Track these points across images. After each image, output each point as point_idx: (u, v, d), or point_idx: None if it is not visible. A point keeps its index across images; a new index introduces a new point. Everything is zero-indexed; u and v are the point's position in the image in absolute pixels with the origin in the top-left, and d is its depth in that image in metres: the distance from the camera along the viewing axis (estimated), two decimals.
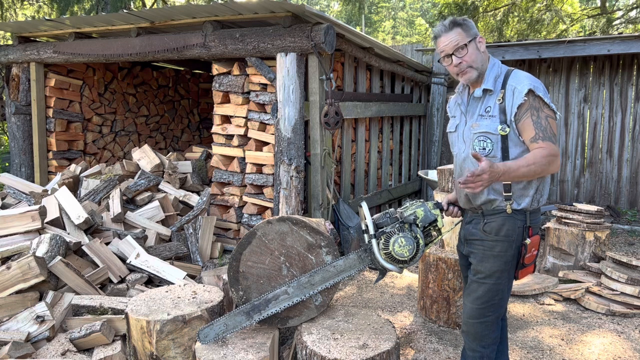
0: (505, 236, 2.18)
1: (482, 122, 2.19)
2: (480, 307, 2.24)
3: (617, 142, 6.88)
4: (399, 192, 6.92)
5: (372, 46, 5.46)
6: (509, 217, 2.17)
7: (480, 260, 2.25)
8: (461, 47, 2.16)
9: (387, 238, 2.26)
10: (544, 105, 2.10)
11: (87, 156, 6.68)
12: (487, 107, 2.19)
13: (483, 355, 2.27)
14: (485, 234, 2.22)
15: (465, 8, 12.45)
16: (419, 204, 2.34)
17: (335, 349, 2.35)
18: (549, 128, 2.07)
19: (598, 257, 4.50)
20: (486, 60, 2.24)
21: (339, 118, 4.59)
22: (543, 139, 2.05)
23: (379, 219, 2.33)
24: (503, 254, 2.19)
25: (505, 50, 6.56)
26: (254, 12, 4.45)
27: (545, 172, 2.06)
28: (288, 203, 4.41)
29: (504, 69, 2.23)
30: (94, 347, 2.93)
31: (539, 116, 2.08)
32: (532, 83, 2.12)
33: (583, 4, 17.01)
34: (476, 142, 2.19)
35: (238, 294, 2.68)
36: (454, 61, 2.19)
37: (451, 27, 2.19)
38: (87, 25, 5.46)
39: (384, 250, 2.27)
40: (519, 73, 2.18)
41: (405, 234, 2.26)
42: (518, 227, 2.17)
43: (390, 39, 29.08)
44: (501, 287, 2.22)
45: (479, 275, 2.25)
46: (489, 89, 2.19)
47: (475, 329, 2.27)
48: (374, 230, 2.29)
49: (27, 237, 3.85)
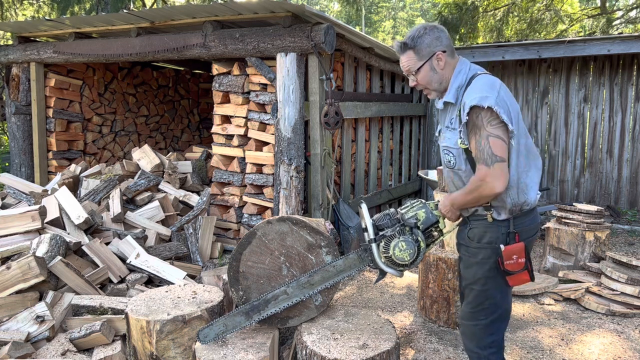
0: (488, 243, 2.13)
1: (446, 135, 2.16)
2: (472, 310, 2.23)
3: (617, 142, 6.88)
4: (399, 192, 6.92)
5: (372, 46, 5.46)
6: (491, 225, 2.13)
7: (465, 266, 2.25)
8: (413, 72, 2.16)
9: (388, 242, 2.23)
10: (488, 121, 1.97)
11: (87, 156, 6.68)
12: (451, 119, 2.14)
13: (480, 356, 2.23)
14: (469, 240, 2.19)
15: (465, 8, 12.45)
16: (420, 205, 2.29)
17: (335, 349, 2.34)
18: (487, 148, 1.96)
19: (598, 257, 4.50)
20: (448, 73, 2.14)
21: (339, 118, 4.59)
22: (479, 160, 2.00)
23: (379, 220, 2.29)
24: (486, 261, 2.14)
25: (505, 50, 6.56)
26: (254, 12, 4.45)
27: (478, 197, 2.03)
28: (288, 203, 4.41)
29: (467, 77, 2.11)
30: (94, 347, 2.93)
31: (480, 135, 1.98)
32: (478, 95, 1.98)
33: (583, 4, 17.02)
34: (442, 155, 2.20)
35: (238, 294, 2.68)
36: (410, 83, 2.23)
37: (403, 50, 2.16)
38: (87, 25, 5.46)
39: (384, 254, 2.24)
40: (475, 83, 2.06)
41: (406, 237, 2.22)
42: (502, 234, 2.11)
43: (390, 39, 29.10)
44: (489, 292, 2.16)
45: (466, 281, 2.25)
46: (449, 102, 2.14)
47: (470, 330, 2.26)
48: (374, 234, 2.26)
49: (27, 237, 3.85)
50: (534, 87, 7.27)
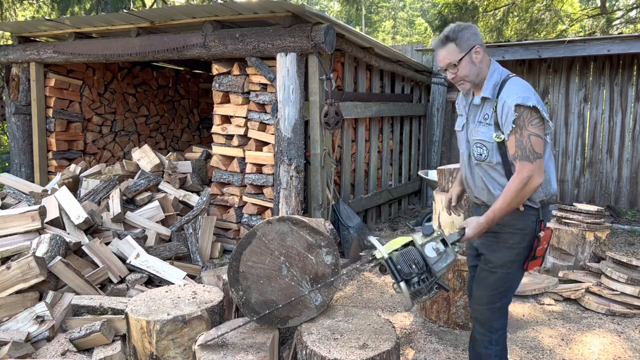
0: (520, 229, 2.26)
1: (480, 129, 2.27)
2: (490, 294, 2.34)
3: (617, 142, 6.88)
4: (399, 192, 6.92)
5: (372, 46, 5.46)
6: (523, 213, 2.25)
7: (493, 250, 2.33)
8: (453, 64, 2.23)
9: (416, 295, 2.12)
10: (530, 120, 2.12)
11: (87, 156, 6.68)
12: (485, 115, 2.26)
13: (491, 339, 2.36)
14: (500, 227, 2.28)
15: (465, 8, 12.45)
16: (451, 257, 2.14)
17: (335, 349, 2.34)
18: (529, 146, 2.12)
19: (598, 257, 4.50)
20: (485, 67, 2.26)
21: (339, 118, 4.59)
22: (520, 158, 2.13)
23: (402, 268, 2.09)
24: (516, 245, 2.27)
25: (505, 50, 6.56)
26: (254, 12, 4.45)
27: (523, 197, 2.15)
28: (288, 203, 4.41)
29: (503, 75, 2.25)
30: (93, 347, 2.92)
31: (521, 134, 2.13)
32: (520, 95, 2.12)
33: (583, 4, 17.02)
34: (474, 148, 2.30)
35: (238, 294, 2.68)
36: (449, 75, 2.30)
37: (444, 43, 2.24)
38: (87, 25, 5.46)
39: (411, 296, 2.11)
40: (511, 83, 2.20)
41: (435, 292, 2.15)
42: (532, 222, 2.26)
43: (390, 39, 29.10)
44: (510, 276, 2.31)
45: (490, 264, 2.33)
46: (487, 97, 2.25)
47: (484, 315, 2.37)
48: (400, 278, 2.09)
49: (27, 237, 3.85)
50: (534, 87, 7.23)
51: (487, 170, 2.28)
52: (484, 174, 2.30)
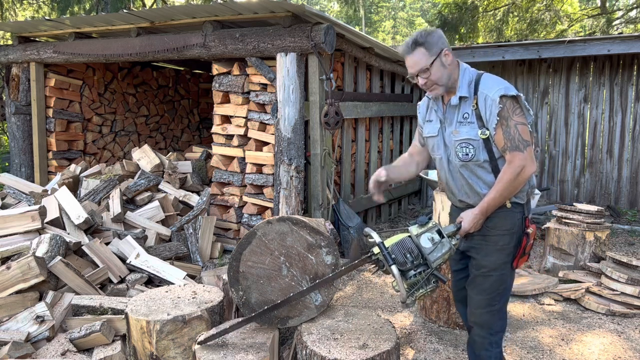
0: (508, 229, 2.26)
1: (461, 129, 2.24)
2: (488, 297, 2.34)
3: (617, 142, 6.88)
4: (399, 192, 6.92)
5: (372, 46, 5.46)
6: (509, 211, 2.25)
7: (484, 255, 2.32)
8: (425, 69, 2.21)
9: (412, 286, 2.12)
10: (513, 110, 2.14)
11: (87, 156, 6.68)
12: (464, 114, 2.24)
13: (492, 341, 2.36)
14: (489, 229, 2.28)
15: (465, 8, 12.45)
16: (446, 246, 2.15)
17: (335, 349, 2.34)
18: (517, 135, 2.13)
19: (598, 257, 4.49)
20: (454, 69, 2.26)
21: (339, 118, 4.59)
22: (510, 148, 2.14)
23: (397, 257, 2.10)
24: (506, 247, 2.27)
25: (505, 50, 6.56)
26: (254, 12, 4.45)
27: (516, 187, 2.16)
28: (288, 203, 4.41)
29: (474, 74, 2.27)
30: (93, 347, 2.92)
31: (508, 125, 2.14)
32: (501, 86, 2.15)
33: (583, 4, 17.02)
34: (459, 149, 2.25)
35: (238, 294, 2.68)
36: (420, 81, 2.27)
37: (414, 48, 2.21)
38: (87, 25, 5.45)
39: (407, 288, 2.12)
40: (487, 78, 2.23)
41: (432, 286, 2.15)
42: (518, 220, 2.27)
43: (390, 39, 29.10)
44: (504, 277, 2.32)
45: (484, 269, 2.32)
46: (464, 96, 2.24)
47: (483, 318, 2.36)
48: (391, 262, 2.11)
49: (27, 237, 3.85)
50: (534, 87, 7.27)
51: (474, 169, 2.25)
52: (469, 174, 2.27)
